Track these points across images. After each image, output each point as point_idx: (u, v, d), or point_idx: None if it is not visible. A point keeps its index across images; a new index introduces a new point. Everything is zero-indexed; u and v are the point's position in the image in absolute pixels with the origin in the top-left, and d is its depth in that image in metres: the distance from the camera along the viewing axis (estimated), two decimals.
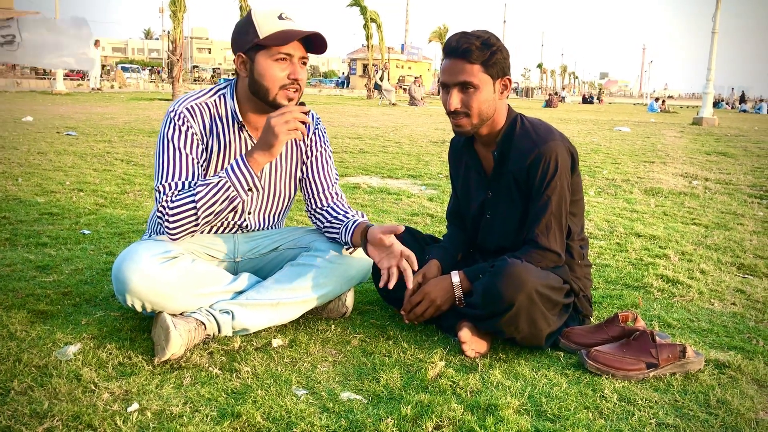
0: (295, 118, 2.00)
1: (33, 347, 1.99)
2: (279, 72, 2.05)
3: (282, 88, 2.07)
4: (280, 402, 1.72)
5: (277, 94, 2.07)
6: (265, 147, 2.02)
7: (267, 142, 2.02)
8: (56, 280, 2.64)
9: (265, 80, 2.06)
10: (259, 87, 2.07)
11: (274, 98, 2.08)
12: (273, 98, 2.08)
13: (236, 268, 2.34)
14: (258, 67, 2.06)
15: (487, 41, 2.09)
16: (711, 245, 3.69)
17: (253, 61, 2.06)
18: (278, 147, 2.02)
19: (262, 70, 2.05)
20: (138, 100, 18.26)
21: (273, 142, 2.00)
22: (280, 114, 2.00)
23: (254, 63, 2.06)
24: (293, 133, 2.01)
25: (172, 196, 2.05)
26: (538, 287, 2.01)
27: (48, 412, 1.61)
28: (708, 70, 17.73)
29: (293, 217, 3.94)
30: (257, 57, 2.05)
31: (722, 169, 7.33)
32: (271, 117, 2.00)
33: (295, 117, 2.00)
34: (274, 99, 2.08)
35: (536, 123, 2.25)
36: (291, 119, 1.99)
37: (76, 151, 6.67)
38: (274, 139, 2.00)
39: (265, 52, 2.04)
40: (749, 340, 2.28)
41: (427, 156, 7.58)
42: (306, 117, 2.03)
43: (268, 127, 2.00)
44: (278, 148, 2.02)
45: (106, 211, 4.02)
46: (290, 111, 2.00)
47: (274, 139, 2.00)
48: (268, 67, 2.05)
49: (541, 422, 1.66)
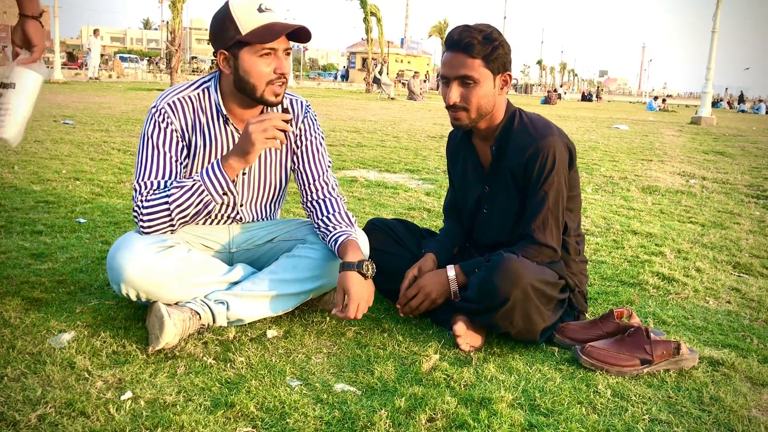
0: (274, 126, 1.96)
1: (27, 334, 1.99)
2: (265, 68, 2.02)
3: (269, 83, 2.04)
4: (273, 392, 1.72)
5: (264, 91, 2.04)
6: (240, 153, 2.00)
7: (243, 149, 1.99)
8: (51, 268, 2.63)
9: (251, 77, 2.02)
10: (245, 84, 2.04)
11: (262, 95, 2.05)
12: (260, 95, 2.05)
13: (231, 258, 2.33)
14: (243, 64, 2.01)
15: (490, 36, 2.08)
16: (707, 244, 3.70)
17: (236, 57, 2.02)
18: (254, 155, 1.99)
19: (247, 68, 2.01)
20: (136, 90, 18.20)
21: (249, 149, 1.97)
22: (258, 121, 1.96)
23: (238, 60, 2.02)
24: (270, 142, 1.97)
25: (147, 195, 2.03)
26: (534, 282, 2.01)
27: (41, 399, 1.61)
28: (707, 70, 17.73)
29: (290, 209, 3.94)
30: (241, 54, 2.01)
31: (720, 168, 7.34)
32: (250, 123, 1.97)
33: (274, 125, 1.96)
34: (262, 95, 2.05)
35: (535, 118, 2.25)
36: (269, 127, 1.96)
37: (72, 140, 6.65)
38: (250, 146, 1.97)
39: (249, 48, 2.00)
40: (743, 338, 2.28)
41: (425, 151, 7.57)
42: (286, 125, 1.99)
43: (245, 134, 1.97)
44: (254, 156, 2.00)
45: (102, 200, 4.01)
46: (270, 119, 1.97)
47: (250, 146, 1.97)
48: (254, 64, 2.01)
49: (535, 416, 1.66)
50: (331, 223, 2.23)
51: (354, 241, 2.16)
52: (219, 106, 2.14)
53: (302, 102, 2.30)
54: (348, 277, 2.07)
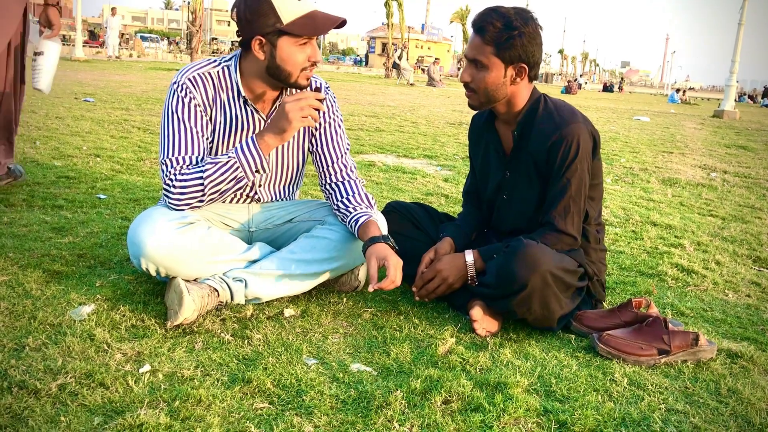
0: (309, 105, 1.99)
1: (48, 306, 2.01)
2: (302, 56, 2.04)
3: (302, 70, 2.06)
4: (290, 370, 1.73)
5: (298, 76, 2.07)
6: (276, 131, 2.03)
7: (280, 127, 2.01)
8: (72, 242, 2.66)
9: (287, 65, 2.04)
10: (281, 71, 2.05)
11: (296, 80, 2.07)
12: (294, 80, 2.07)
13: (251, 237, 2.34)
14: (281, 53, 2.02)
15: (510, 23, 2.03)
16: (727, 237, 3.66)
17: (273, 45, 2.02)
18: (290, 132, 2.02)
19: (285, 56, 2.02)
20: (156, 70, 18.25)
21: (286, 127, 2.00)
22: (295, 100, 1.99)
23: (276, 48, 2.02)
24: (306, 121, 2.01)
25: (180, 169, 2.05)
26: (553, 269, 2.00)
27: (62, 369, 1.63)
28: (732, 63, 17.47)
29: (308, 191, 3.94)
30: (280, 42, 2.01)
31: (741, 162, 7.25)
32: (286, 102, 1.99)
33: (310, 104, 2.00)
34: (296, 81, 2.07)
35: (560, 105, 2.23)
36: (306, 106, 1.99)
37: (93, 117, 6.69)
38: (287, 124, 2.00)
39: (289, 38, 2.00)
40: (762, 332, 2.26)
41: (443, 137, 7.54)
42: (321, 104, 2.02)
43: (281, 112, 2.00)
44: (290, 134, 2.03)
45: (122, 177, 4.04)
46: (306, 97, 2.00)
47: (287, 124, 2.00)
48: (292, 53, 2.02)
49: (550, 402, 1.66)
50: (351, 204, 2.24)
51: (374, 221, 2.17)
52: (239, 87, 2.14)
53: (322, 83, 2.29)
54: (381, 247, 2.07)
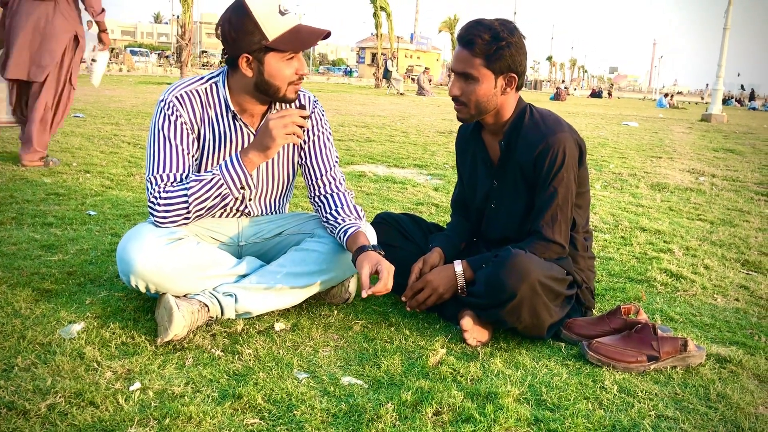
0: (293, 122, 2.00)
1: (37, 325, 2.00)
2: (289, 71, 2.05)
3: (290, 84, 2.07)
4: (281, 384, 1.73)
5: (286, 91, 2.08)
6: (261, 148, 2.03)
7: (264, 144, 2.02)
8: (61, 260, 2.65)
9: (275, 80, 2.04)
10: (270, 86, 2.06)
11: (284, 94, 2.08)
12: (283, 95, 2.08)
13: (240, 252, 2.34)
14: (269, 69, 2.03)
15: (498, 35, 2.05)
16: (716, 241, 3.68)
17: (261, 62, 2.02)
18: (274, 150, 2.03)
19: (273, 72, 2.03)
20: (146, 84, 18.25)
21: (270, 144, 2.01)
22: (279, 117, 2.00)
23: (263, 64, 2.02)
24: (291, 138, 2.02)
25: (164, 187, 2.05)
26: (541, 278, 2.01)
27: (51, 389, 1.63)
28: (718, 67, 17.62)
29: (298, 203, 3.95)
30: (267, 59, 2.02)
31: (729, 166, 7.30)
32: (270, 119, 2.00)
33: (294, 121, 2.01)
34: (284, 95, 2.08)
35: (545, 114, 2.24)
36: (289, 123, 2.00)
37: (83, 133, 6.68)
38: (271, 141, 2.00)
39: (276, 54, 2.01)
40: (751, 336, 2.27)
41: (433, 146, 7.56)
42: (305, 122, 2.04)
43: (265, 129, 2.00)
44: (274, 151, 2.04)
45: (112, 192, 4.03)
46: (289, 115, 2.01)
47: (271, 141, 2.00)
48: (280, 68, 2.03)
49: (541, 411, 1.67)
50: (340, 216, 2.24)
51: (362, 231, 2.17)
52: (228, 103, 2.14)
53: (310, 97, 2.30)
54: (372, 254, 2.07)
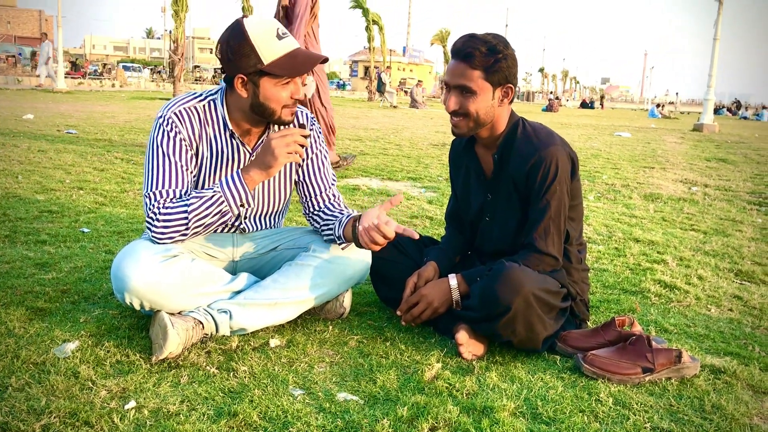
0: (295, 141, 2.02)
1: (31, 344, 2.00)
2: (284, 94, 2.06)
3: (285, 107, 2.08)
4: (276, 402, 1.73)
5: (281, 113, 2.09)
6: (263, 167, 2.04)
7: (266, 163, 2.03)
8: (55, 278, 2.64)
9: (270, 103, 2.06)
10: (264, 109, 2.07)
11: (279, 116, 2.09)
12: (278, 117, 2.09)
13: (235, 267, 2.34)
14: (264, 92, 2.04)
15: (494, 48, 2.08)
16: (709, 251, 3.70)
17: (256, 85, 2.04)
18: (276, 168, 2.04)
19: (268, 95, 2.04)
20: (139, 99, 18.27)
21: (272, 163, 2.02)
22: (281, 136, 2.01)
23: (258, 87, 2.04)
24: (292, 157, 2.03)
25: (164, 203, 2.05)
26: (536, 291, 2.01)
27: (45, 409, 1.62)
28: (709, 77, 17.72)
29: (293, 218, 3.95)
30: (262, 82, 2.03)
31: (722, 175, 7.34)
32: (272, 138, 2.01)
33: (295, 140, 2.02)
34: (279, 117, 2.09)
35: (537, 127, 2.26)
36: (291, 142, 2.01)
37: (76, 150, 6.67)
38: (273, 160, 2.02)
39: (271, 78, 2.02)
40: (745, 346, 2.28)
41: (427, 159, 7.58)
42: (305, 141, 2.05)
43: (267, 148, 2.02)
44: (276, 170, 2.05)
45: (105, 209, 4.03)
46: (291, 134, 2.02)
47: (273, 160, 2.02)
48: (275, 92, 2.04)
49: (537, 425, 1.67)
50: (337, 218, 2.28)
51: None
52: (225, 121, 2.15)
53: (307, 114, 2.32)
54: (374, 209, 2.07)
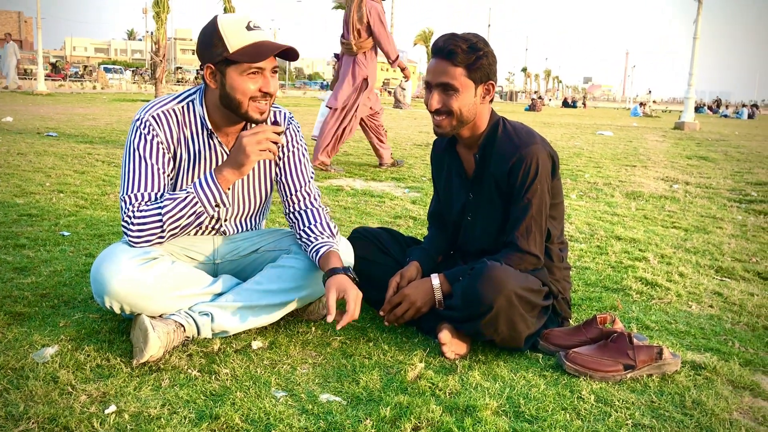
0: (267, 138, 1.99)
1: (9, 349, 1.97)
2: (250, 85, 2.02)
3: (252, 99, 2.04)
4: (258, 404, 1.72)
5: (248, 107, 2.05)
6: (235, 165, 2.02)
7: (238, 161, 2.01)
8: (34, 282, 2.61)
9: (236, 94, 2.02)
10: (231, 100, 2.04)
11: (246, 111, 2.05)
12: (245, 111, 2.05)
13: (216, 270, 2.33)
14: (229, 81, 2.01)
15: (475, 45, 2.10)
16: (690, 248, 3.73)
17: (223, 74, 2.02)
18: (248, 167, 2.02)
19: (234, 85, 2.01)
20: (120, 101, 18.12)
21: (244, 161, 2.00)
22: (252, 133, 1.99)
23: (225, 77, 2.02)
24: (264, 154, 2.00)
25: (138, 206, 2.03)
26: (517, 290, 2.02)
27: (24, 415, 1.60)
28: (689, 75, 17.89)
29: (275, 219, 3.94)
30: (228, 71, 2.01)
31: (703, 173, 7.41)
32: (243, 136, 1.99)
33: (267, 137, 1.99)
34: (246, 112, 2.05)
35: (518, 127, 2.27)
36: (263, 139, 1.99)
37: (56, 152, 6.61)
38: (245, 158, 1.99)
39: (237, 66, 2.00)
40: (725, 342, 2.30)
41: (410, 159, 7.59)
42: (279, 137, 2.02)
43: (239, 146, 1.99)
44: (248, 168, 2.02)
45: (86, 212, 3.99)
46: (263, 131, 2.00)
47: (245, 158, 1.99)
48: (240, 82, 2.01)
49: (519, 423, 1.67)
50: (313, 234, 2.23)
51: (335, 252, 2.16)
52: (204, 120, 2.14)
53: (285, 113, 2.31)
54: (341, 279, 2.05)
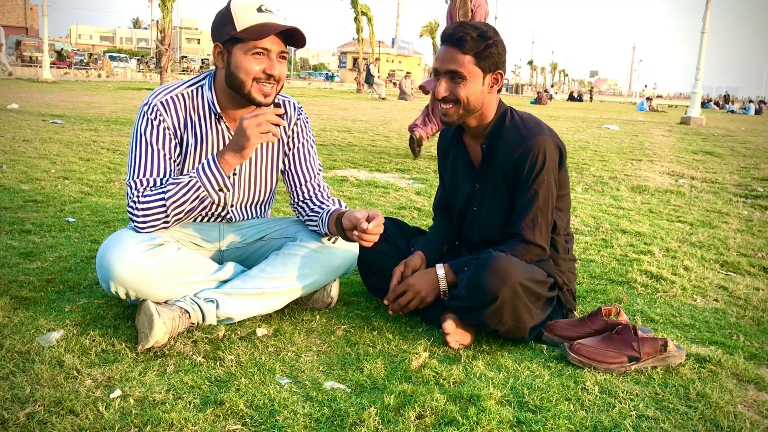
0: (268, 120, 1.97)
1: (15, 333, 1.98)
2: (255, 65, 2.01)
3: (256, 81, 2.03)
4: (263, 390, 1.73)
5: (251, 87, 2.04)
6: (236, 149, 2.01)
7: (238, 144, 2.00)
8: (40, 267, 2.62)
9: (240, 72, 2.02)
10: (235, 79, 2.04)
11: (249, 91, 2.04)
12: (248, 91, 2.04)
13: (222, 257, 2.33)
14: (234, 60, 2.02)
15: (485, 34, 2.09)
16: (695, 242, 3.72)
17: (229, 53, 2.03)
18: (249, 150, 2.00)
19: (237, 63, 2.02)
20: (125, 90, 18.14)
21: (244, 144, 1.98)
22: (252, 116, 1.97)
23: (231, 55, 2.03)
24: (265, 137, 1.98)
25: (143, 191, 2.04)
26: (523, 280, 2.02)
27: (30, 398, 1.61)
28: (696, 70, 17.81)
29: (280, 208, 3.94)
30: (234, 50, 2.02)
31: (708, 168, 7.39)
32: (244, 119, 1.98)
33: (267, 119, 1.97)
34: (249, 92, 2.04)
35: (526, 117, 2.26)
36: (263, 122, 1.97)
37: (61, 139, 6.62)
38: (245, 141, 1.98)
39: (242, 45, 2.00)
40: (730, 336, 2.30)
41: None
42: (280, 119, 2.00)
43: (240, 129, 1.98)
44: (249, 151, 2.01)
45: (91, 199, 4.00)
46: (263, 113, 1.98)
47: (245, 141, 1.98)
48: (244, 60, 2.01)
49: (523, 413, 1.67)
50: (323, 209, 2.26)
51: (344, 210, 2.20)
52: (213, 104, 2.14)
53: (295, 104, 2.30)
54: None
